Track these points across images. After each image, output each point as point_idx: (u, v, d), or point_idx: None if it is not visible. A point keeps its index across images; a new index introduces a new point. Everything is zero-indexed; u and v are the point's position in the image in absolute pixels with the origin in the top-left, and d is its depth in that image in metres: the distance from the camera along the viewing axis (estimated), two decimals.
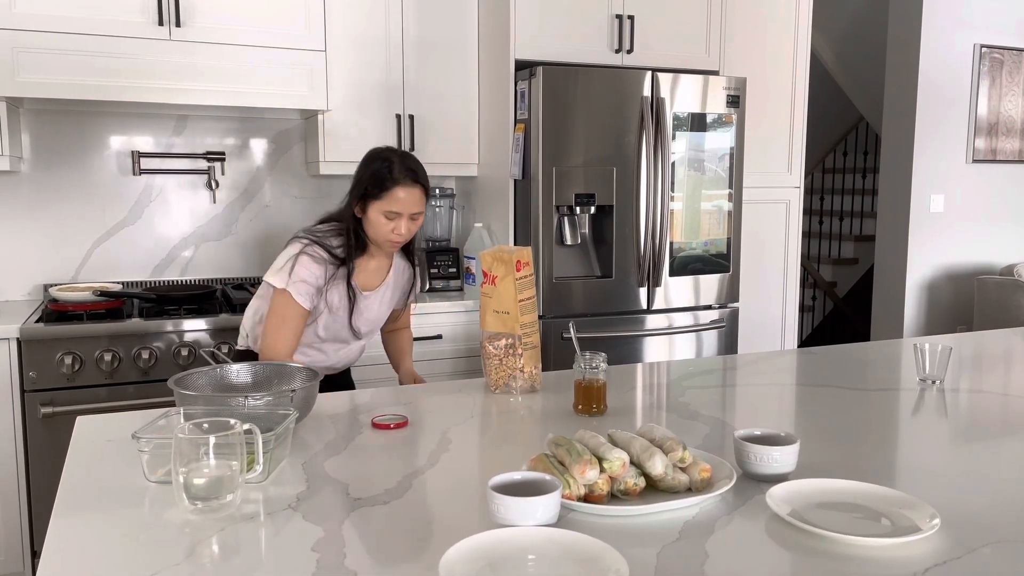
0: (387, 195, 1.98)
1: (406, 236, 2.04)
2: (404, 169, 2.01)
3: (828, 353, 2.31)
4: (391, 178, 1.99)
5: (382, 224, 2.00)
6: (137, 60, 2.71)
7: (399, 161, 2.02)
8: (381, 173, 1.99)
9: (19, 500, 2.58)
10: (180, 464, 1.15)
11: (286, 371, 1.70)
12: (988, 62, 5.12)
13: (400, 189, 1.99)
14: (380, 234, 2.02)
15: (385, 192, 1.98)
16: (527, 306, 1.86)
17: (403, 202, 1.99)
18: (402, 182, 1.99)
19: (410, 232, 2.04)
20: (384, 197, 1.98)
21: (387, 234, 2.01)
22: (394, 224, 2.00)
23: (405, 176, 2.00)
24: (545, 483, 1.14)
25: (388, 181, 1.98)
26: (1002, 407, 1.77)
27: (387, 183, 1.98)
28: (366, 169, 2.03)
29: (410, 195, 2.00)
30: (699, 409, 1.73)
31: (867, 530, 1.11)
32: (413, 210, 2.02)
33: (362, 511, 1.18)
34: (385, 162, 2.01)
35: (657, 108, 3.12)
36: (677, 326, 3.26)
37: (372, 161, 2.04)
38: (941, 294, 5.20)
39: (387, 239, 2.03)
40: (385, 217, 2.00)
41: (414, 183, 2.01)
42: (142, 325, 2.66)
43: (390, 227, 2.00)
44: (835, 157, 6.96)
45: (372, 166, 2.03)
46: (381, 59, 3.15)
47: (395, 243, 2.05)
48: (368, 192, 2.00)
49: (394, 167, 2.00)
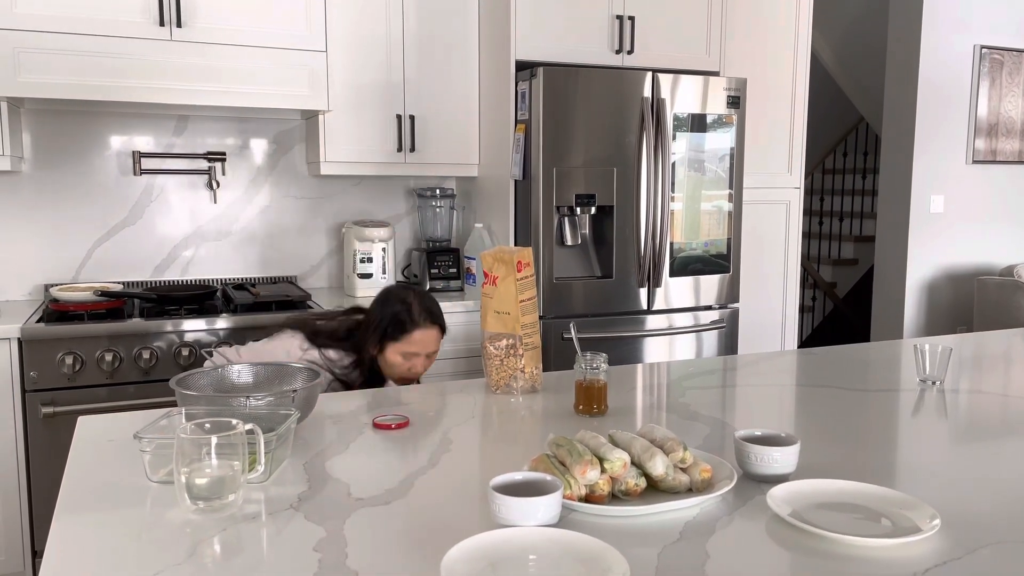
0: (406, 337, 2.02)
1: (421, 372, 2.08)
2: (424, 312, 2.04)
3: (828, 354, 2.31)
4: (411, 320, 2.02)
5: (399, 363, 2.04)
6: (138, 60, 2.71)
7: (418, 303, 2.05)
8: (400, 316, 2.02)
9: (20, 500, 2.59)
10: (182, 464, 1.15)
11: (287, 371, 1.70)
12: (988, 63, 5.12)
13: (419, 331, 2.02)
14: (396, 372, 2.06)
15: (405, 335, 2.02)
16: (528, 306, 1.86)
17: (422, 343, 2.03)
18: (422, 324, 2.03)
19: (425, 369, 2.08)
20: (403, 339, 2.02)
21: (403, 372, 2.06)
22: (411, 363, 2.04)
23: (425, 319, 2.04)
24: (546, 483, 1.14)
25: (408, 324, 2.02)
26: (1002, 408, 1.77)
27: (407, 326, 2.02)
28: (384, 310, 2.05)
29: (429, 336, 2.04)
30: (699, 409, 1.73)
31: (867, 531, 1.11)
32: (431, 350, 2.06)
33: (364, 511, 1.18)
34: (404, 304, 2.04)
35: (657, 109, 3.12)
36: (677, 326, 3.27)
37: (390, 302, 2.06)
38: (941, 295, 5.21)
39: (402, 376, 2.07)
40: (402, 357, 2.04)
41: (433, 325, 2.05)
42: (143, 325, 2.66)
43: (407, 366, 2.05)
44: (835, 158, 6.96)
45: (391, 307, 2.04)
46: (382, 59, 3.16)
47: (409, 380, 2.08)
48: (387, 334, 2.02)
49: (413, 309, 2.03)
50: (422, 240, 3.54)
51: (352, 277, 3.22)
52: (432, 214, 3.49)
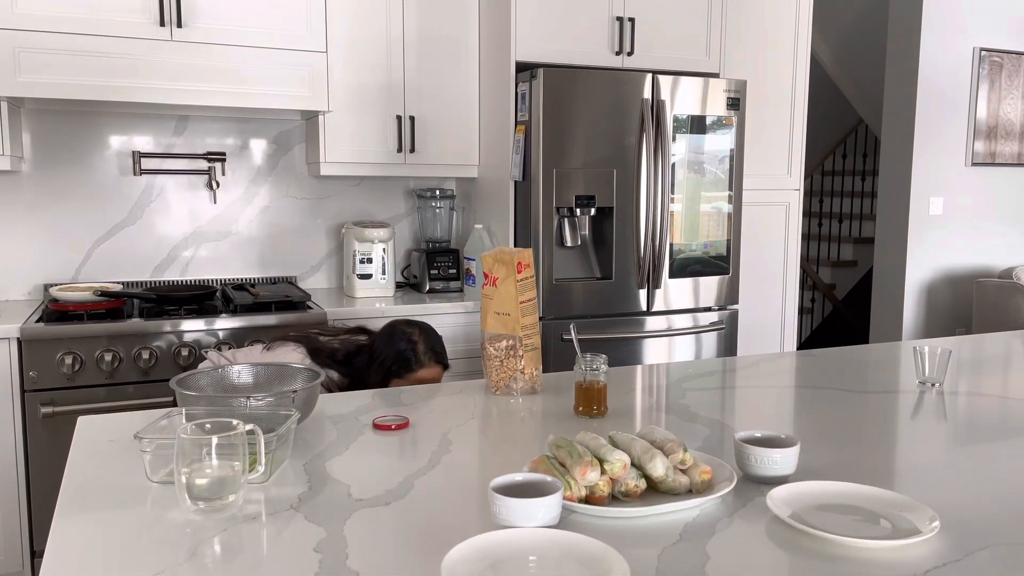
0: (410, 376, 2.04)
1: None
2: (429, 351, 2.07)
3: (828, 355, 2.32)
4: (416, 360, 2.04)
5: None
6: (138, 60, 2.71)
7: (424, 342, 2.07)
8: (406, 354, 2.04)
9: (19, 500, 2.58)
10: (182, 464, 1.15)
11: (288, 372, 1.70)
12: (987, 65, 5.13)
13: (424, 371, 2.04)
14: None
15: (409, 372, 2.04)
16: (528, 308, 1.86)
17: (425, 381, 2.04)
18: (427, 364, 2.05)
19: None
20: (407, 377, 2.04)
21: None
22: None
23: (430, 359, 2.06)
24: (546, 484, 1.14)
25: (413, 363, 2.04)
26: (1001, 410, 1.77)
27: (412, 364, 2.04)
28: (389, 346, 2.06)
29: (432, 374, 2.06)
30: (699, 411, 1.73)
31: (867, 532, 1.11)
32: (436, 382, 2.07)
33: (364, 512, 1.18)
34: (410, 343, 2.06)
35: (657, 110, 3.12)
36: (677, 328, 3.27)
37: (396, 339, 2.07)
38: (940, 297, 5.21)
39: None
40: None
41: (437, 364, 2.07)
42: (142, 325, 2.66)
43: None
44: (834, 159, 6.97)
45: (396, 345, 2.06)
46: (382, 60, 3.16)
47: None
48: (392, 371, 2.04)
49: (419, 349, 2.05)
50: (422, 241, 3.55)
51: (352, 278, 3.22)
52: (432, 215, 3.49)
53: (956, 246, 5.22)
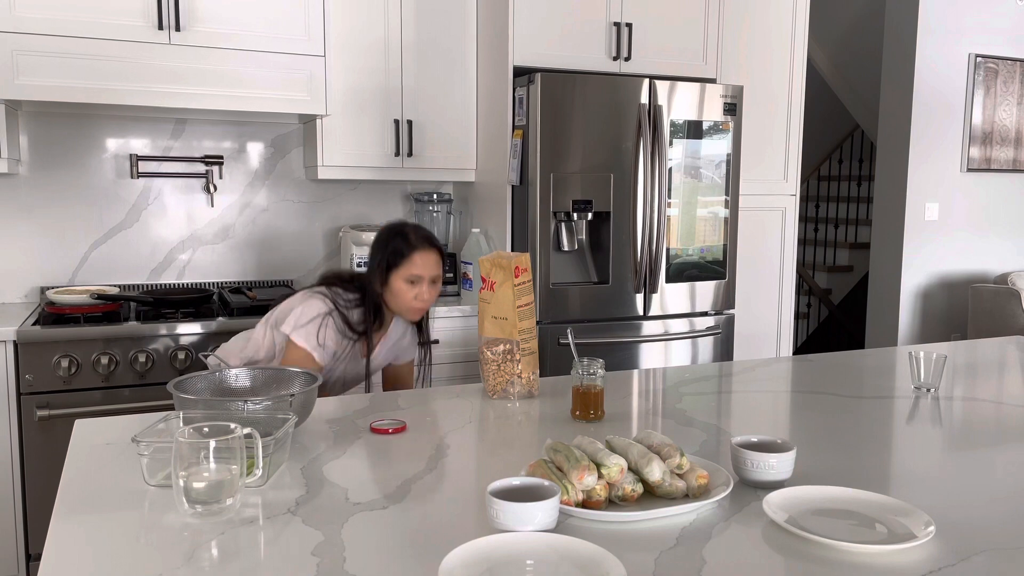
0: (407, 262, 2.10)
1: (428, 301, 2.15)
2: (419, 237, 2.15)
3: (823, 360, 2.32)
4: (409, 245, 2.12)
5: (404, 291, 2.11)
6: (136, 64, 2.71)
7: (413, 230, 2.16)
8: (398, 243, 2.13)
9: (15, 503, 2.58)
10: (180, 468, 1.15)
11: (285, 376, 1.70)
12: (983, 72, 5.15)
13: (418, 254, 2.11)
14: (404, 302, 2.12)
15: (405, 259, 2.10)
16: (525, 312, 1.87)
17: (422, 266, 2.11)
18: (420, 247, 2.13)
19: (432, 297, 2.15)
20: (404, 264, 2.10)
21: (410, 301, 2.12)
22: (417, 290, 2.11)
23: (422, 242, 2.14)
24: (543, 489, 1.14)
25: (406, 248, 2.12)
26: (996, 415, 1.78)
27: (406, 250, 2.11)
28: (383, 243, 2.16)
29: (429, 259, 2.13)
30: (695, 415, 1.74)
31: (863, 537, 1.12)
32: (433, 273, 2.13)
33: (361, 515, 1.19)
34: (399, 233, 2.15)
35: (654, 115, 3.13)
36: (673, 332, 3.27)
37: (387, 235, 2.17)
38: (935, 302, 5.23)
39: (410, 307, 2.13)
40: (407, 283, 2.11)
41: (431, 247, 2.15)
42: (139, 328, 2.66)
43: (412, 293, 2.11)
44: (831, 165, 6.98)
45: (388, 240, 2.15)
46: (380, 64, 3.16)
47: (418, 310, 2.15)
48: (390, 263, 2.11)
49: (409, 235, 2.14)
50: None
51: None
52: (429, 219, 3.50)
53: (951, 251, 5.23)
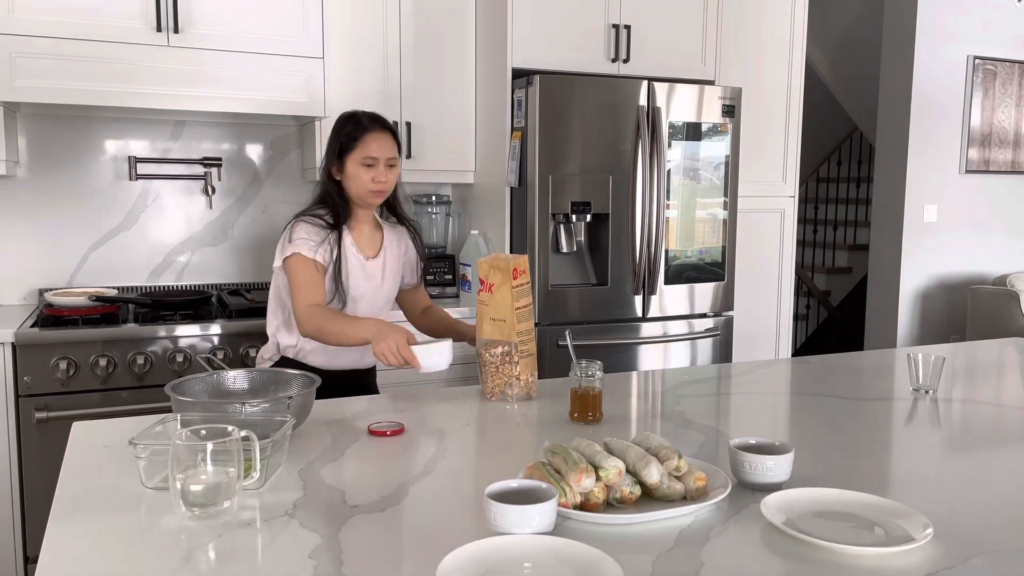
0: (359, 144, 2.07)
1: (387, 185, 2.11)
2: (369, 119, 2.12)
3: (822, 362, 2.32)
4: (360, 126, 2.09)
5: (360, 175, 2.07)
6: (135, 66, 2.71)
7: (363, 114, 2.14)
8: (349, 127, 2.10)
9: (12, 505, 2.57)
10: (177, 470, 1.15)
11: (283, 378, 1.70)
12: (981, 73, 5.16)
13: (370, 136, 2.09)
14: (361, 186, 2.08)
15: (357, 142, 2.07)
16: (523, 314, 1.86)
17: (375, 147, 2.07)
18: (371, 129, 2.09)
19: (389, 182, 2.11)
20: (357, 147, 2.07)
21: (367, 184, 2.07)
22: (373, 173, 2.07)
23: (372, 123, 2.10)
24: (541, 491, 1.14)
25: (358, 130, 2.08)
26: (995, 417, 1.78)
27: (357, 133, 2.08)
28: (336, 131, 2.14)
29: (381, 140, 2.10)
30: (694, 417, 1.74)
31: (861, 539, 1.11)
32: (388, 155, 2.10)
33: (359, 518, 1.18)
34: (350, 119, 2.12)
35: (653, 117, 3.13)
36: (672, 334, 3.27)
37: (339, 122, 2.15)
38: (934, 304, 5.23)
39: (368, 190, 2.08)
40: (363, 166, 2.07)
41: (383, 128, 2.12)
42: (137, 330, 2.65)
43: (369, 176, 2.07)
44: (829, 166, 6.99)
45: (340, 126, 2.13)
46: (378, 67, 3.16)
47: (377, 193, 2.10)
48: (343, 147, 2.08)
49: (361, 119, 2.12)
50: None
51: None
52: (428, 221, 3.50)
53: (950, 253, 5.23)
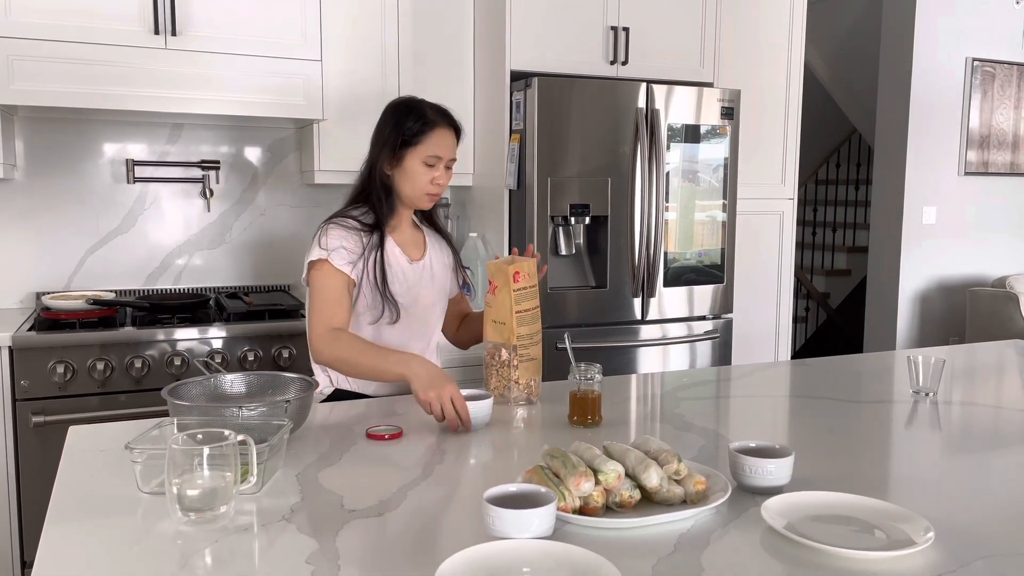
0: (425, 140, 1.87)
1: (443, 187, 1.94)
2: (437, 112, 1.92)
3: (822, 365, 2.32)
4: (428, 121, 1.88)
5: (420, 174, 1.89)
6: (132, 68, 2.71)
7: (428, 105, 1.93)
8: (412, 119, 1.89)
9: (9, 510, 2.56)
10: (173, 475, 1.15)
11: (280, 381, 1.69)
12: (980, 75, 5.16)
13: (438, 132, 1.89)
14: (418, 186, 1.91)
15: (422, 137, 1.87)
16: (524, 318, 1.85)
17: (443, 146, 1.90)
18: (439, 124, 1.90)
19: (445, 185, 1.95)
20: (423, 142, 1.88)
21: (425, 185, 1.91)
22: (433, 173, 1.90)
23: (440, 118, 1.91)
24: (540, 495, 1.14)
25: (425, 125, 1.88)
26: (995, 420, 1.77)
27: (424, 127, 1.88)
28: (396, 119, 1.90)
29: (448, 138, 1.92)
30: (693, 420, 1.73)
31: (862, 543, 1.11)
32: (452, 155, 1.93)
33: (356, 523, 1.18)
34: (414, 109, 1.90)
35: (652, 119, 3.13)
36: (671, 337, 3.27)
37: (400, 110, 1.92)
38: (933, 306, 5.22)
39: (425, 191, 1.92)
40: (425, 165, 1.89)
41: (449, 125, 1.93)
42: (135, 334, 2.65)
43: (429, 177, 1.90)
44: (828, 169, 6.99)
45: (402, 115, 1.90)
46: (377, 68, 3.16)
47: (432, 196, 1.94)
48: (405, 140, 1.88)
49: (426, 111, 1.90)
50: None
51: None
52: None
53: (949, 255, 5.23)
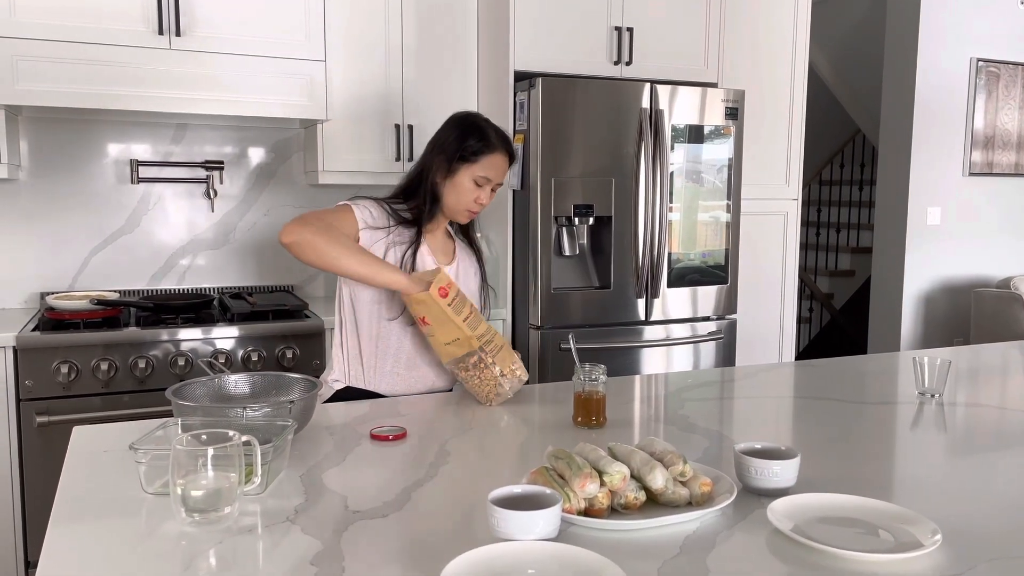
0: (483, 160, 1.96)
1: (484, 207, 2.02)
2: (500, 137, 2.00)
3: (827, 366, 2.31)
4: (490, 144, 1.97)
5: (468, 191, 1.97)
6: (137, 69, 2.71)
7: (492, 128, 2.01)
8: (475, 138, 1.97)
9: (13, 510, 2.57)
10: (178, 476, 1.14)
11: (285, 382, 1.69)
12: (984, 76, 5.15)
13: (496, 156, 1.97)
14: (463, 201, 1.98)
15: (481, 157, 1.95)
16: (472, 321, 1.80)
17: (496, 169, 1.97)
18: (499, 149, 1.98)
19: (488, 203, 2.02)
20: (479, 162, 1.96)
21: (469, 202, 1.98)
22: (480, 193, 1.98)
23: (501, 144, 1.99)
24: (545, 497, 1.13)
25: (486, 147, 1.96)
26: (1000, 421, 1.77)
27: (484, 148, 1.96)
28: (459, 133, 1.99)
29: (503, 163, 1.99)
30: (698, 422, 1.73)
31: (869, 545, 1.10)
32: (501, 179, 2.01)
33: (361, 524, 1.17)
34: (479, 129, 1.99)
35: (656, 120, 3.12)
36: (675, 337, 3.26)
37: (466, 125, 2.00)
38: (938, 307, 5.21)
39: (467, 207, 1.99)
40: (474, 183, 1.96)
41: (507, 153, 2.01)
42: (139, 334, 2.65)
43: (475, 195, 1.97)
44: (832, 169, 6.98)
45: (466, 131, 1.98)
46: (381, 69, 3.16)
47: (473, 213, 2.01)
48: (463, 156, 1.95)
49: (489, 134, 1.98)
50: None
51: None
52: None
53: (954, 256, 5.22)
